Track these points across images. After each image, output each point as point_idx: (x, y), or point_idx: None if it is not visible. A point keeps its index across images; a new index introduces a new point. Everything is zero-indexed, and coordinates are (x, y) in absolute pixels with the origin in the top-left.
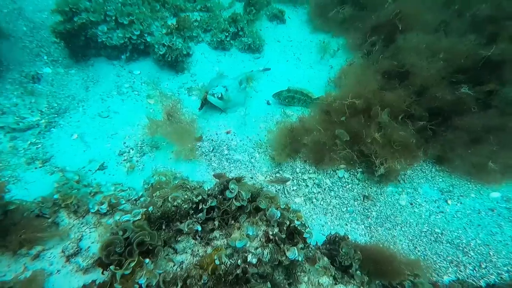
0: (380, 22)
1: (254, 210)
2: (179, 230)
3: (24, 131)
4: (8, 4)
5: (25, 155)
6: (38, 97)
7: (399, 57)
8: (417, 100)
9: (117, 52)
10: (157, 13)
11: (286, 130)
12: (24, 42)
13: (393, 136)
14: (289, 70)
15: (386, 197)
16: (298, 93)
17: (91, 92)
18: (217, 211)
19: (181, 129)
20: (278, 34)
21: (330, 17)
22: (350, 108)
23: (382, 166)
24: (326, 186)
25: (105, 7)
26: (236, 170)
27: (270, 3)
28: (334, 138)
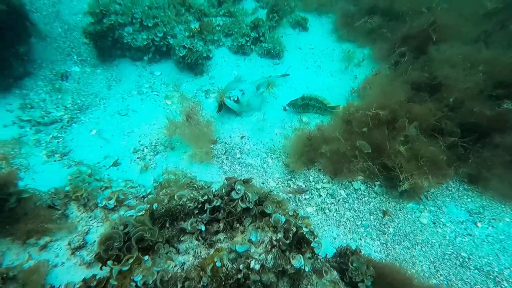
0: (412, 32)
1: (260, 215)
2: (182, 229)
3: (48, 125)
4: (48, 7)
5: (47, 148)
6: (64, 94)
7: (430, 69)
8: (449, 115)
9: (141, 54)
10: (182, 16)
11: (304, 138)
12: (58, 42)
13: (420, 151)
14: (308, 77)
15: (406, 213)
16: (313, 100)
17: (113, 90)
18: (222, 212)
19: (198, 132)
20: (300, 42)
21: (357, 27)
22: (374, 119)
23: (407, 182)
24: (341, 197)
25: (133, 10)
26: (247, 175)
27: (294, 11)
28: (354, 149)
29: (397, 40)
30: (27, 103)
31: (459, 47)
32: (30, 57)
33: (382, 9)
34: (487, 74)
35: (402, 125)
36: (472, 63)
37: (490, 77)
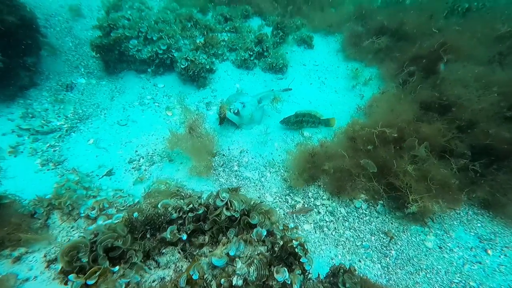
0: (421, 52)
1: (246, 226)
2: (163, 239)
3: (47, 134)
4: (62, 23)
5: (42, 157)
6: (67, 104)
7: (441, 89)
8: (460, 136)
9: (146, 66)
10: (188, 31)
11: (306, 154)
12: (68, 55)
13: (430, 173)
14: (312, 92)
15: (410, 235)
16: (306, 116)
17: (115, 101)
18: (208, 224)
19: (200, 144)
20: (305, 58)
21: (364, 46)
22: (380, 137)
23: (415, 204)
24: (341, 215)
25: (140, 24)
26: (244, 188)
27: (299, 28)
28: (358, 167)
29: (405, 60)
30: (29, 112)
31: (471, 67)
32: (38, 69)
33: (391, 30)
34: (503, 95)
35: (411, 144)
36: (486, 84)
37: (506, 99)
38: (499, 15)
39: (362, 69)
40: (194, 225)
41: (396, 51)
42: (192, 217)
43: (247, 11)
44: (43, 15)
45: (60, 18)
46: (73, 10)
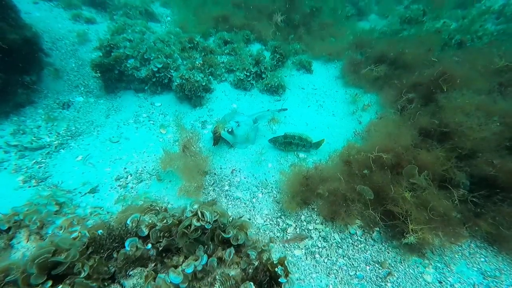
0: (421, 80)
1: (221, 242)
2: (128, 258)
3: (35, 150)
4: (68, 46)
5: (25, 174)
6: (60, 121)
7: (440, 116)
8: (459, 166)
9: (144, 85)
10: (187, 53)
11: (301, 176)
12: (69, 76)
13: (430, 203)
14: (309, 115)
15: (408, 267)
16: (296, 139)
17: (110, 119)
18: (178, 238)
19: (192, 164)
20: (303, 82)
21: (363, 74)
22: (376, 162)
23: (414, 235)
24: (334, 241)
25: (140, 45)
26: (233, 209)
27: (298, 53)
28: (353, 191)
29: (404, 87)
30: (21, 129)
31: (471, 96)
32: (38, 87)
33: (390, 59)
34: (505, 125)
35: (411, 172)
36: (488, 113)
37: (509, 129)
38: (495, 49)
39: (361, 95)
40: (167, 239)
41: (395, 79)
42: (162, 231)
43: (248, 36)
44: (51, 38)
45: (67, 41)
46: (80, 35)
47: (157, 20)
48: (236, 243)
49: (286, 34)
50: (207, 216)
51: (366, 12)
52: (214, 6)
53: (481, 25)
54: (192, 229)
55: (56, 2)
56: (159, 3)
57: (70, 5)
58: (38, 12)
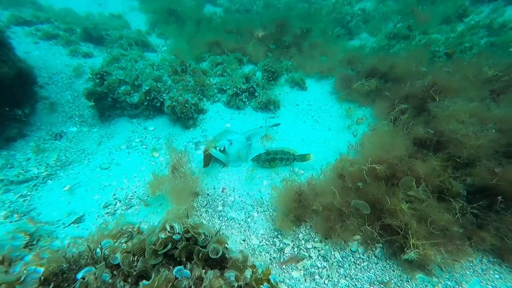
0: (413, 91)
1: (200, 260)
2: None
3: (21, 183)
4: (64, 79)
5: (8, 208)
6: (51, 152)
7: (435, 125)
8: (455, 175)
9: (137, 111)
10: (178, 75)
11: (293, 193)
12: (64, 107)
13: (430, 216)
14: (304, 130)
15: (415, 286)
16: (279, 153)
17: (102, 146)
18: (148, 256)
19: (183, 186)
20: (298, 99)
21: (355, 88)
22: (370, 174)
23: (414, 250)
24: (335, 260)
25: (132, 72)
26: (227, 230)
27: (290, 70)
28: (349, 206)
29: (397, 98)
30: (9, 163)
31: (463, 103)
32: (31, 120)
33: (381, 73)
34: (501, 132)
35: (408, 184)
36: (482, 120)
37: (505, 136)
38: (484, 60)
39: (355, 109)
40: (143, 261)
41: (386, 91)
42: (135, 254)
43: (240, 58)
44: (48, 73)
45: (64, 75)
46: (76, 69)
47: (153, 50)
48: (215, 257)
49: (278, 55)
50: (176, 227)
51: (357, 32)
52: (206, 33)
53: (469, 39)
54: (159, 242)
55: (56, 40)
56: (155, 34)
57: (68, 42)
58: (38, 51)
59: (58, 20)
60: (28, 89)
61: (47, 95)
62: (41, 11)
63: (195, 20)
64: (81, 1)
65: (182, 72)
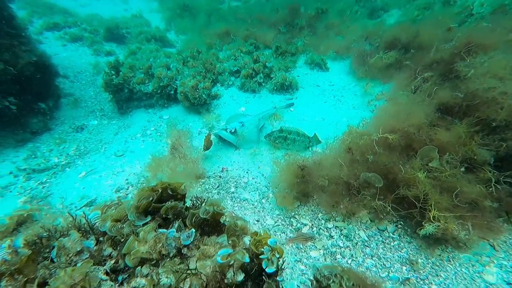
0: (439, 57)
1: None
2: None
3: (42, 172)
4: (88, 77)
5: (28, 194)
6: (71, 143)
7: (463, 88)
8: (485, 142)
9: (152, 100)
10: (191, 60)
11: (296, 167)
12: (87, 103)
13: (457, 187)
14: (325, 110)
15: (458, 266)
16: (293, 134)
17: (119, 135)
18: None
19: (184, 167)
20: (319, 80)
21: (372, 63)
22: (381, 144)
23: (432, 224)
24: (359, 240)
25: (146, 62)
26: (240, 211)
27: (305, 50)
28: (356, 178)
29: (420, 67)
30: (34, 153)
31: (501, 58)
32: (55, 115)
33: (403, 43)
34: None
35: (428, 154)
36: None
37: None
38: None
39: (375, 86)
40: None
41: (408, 61)
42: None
43: (257, 44)
44: (73, 72)
45: (87, 73)
46: (96, 66)
47: (172, 45)
48: (206, 217)
49: (290, 38)
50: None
51: (386, 8)
52: (218, 23)
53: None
54: (140, 198)
55: (81, 42)
56: (174, 31)
57: (93, 43)
58: (65, 53)
59: (84, 23)
60: (50, 82)
61: (72, 92)
62: (70, 17)
63: (207, 12)
64: (108, 7)
65: (193, 59)
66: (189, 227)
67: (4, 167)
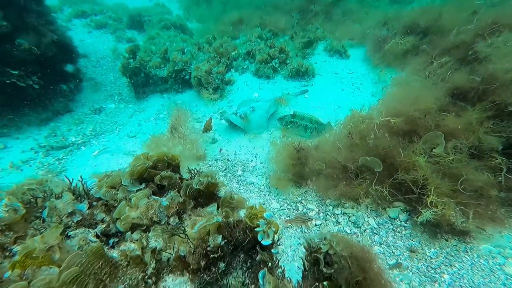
0: (459, 40)
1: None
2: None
3: (60, 149)
4: (109, 63)
5: (46, 169)
6: (88, 124)
7: (481, 71)
8: (498, 129)
9: (167, 85)
10: (207, 44)
11: (292, 149)
12: (107, 87)
13: (462, 174)
14: (342, 98)
15: (477, 257)
16: (306, 120)
17: (133, 118)
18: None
19: (182, 148)
20: (337, 67)
21: (388, 49)
22: (382, 128)
23: (429, 210)
24: (368, 227)
25: (162, 46)
26: (246, 194)
27: (325, 37)
28: (354, 162)
29: (438, 51)
30: (54, 132)
31: None
32: (76, 98)
33: (422, 27)
34: None
35: (432, 140)
36: None
37: None
38: None
39: (390, 72)
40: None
41: (425, 45)
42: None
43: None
44: (96, 57)
45: (109, 59)
46: (115, 51)
47: (191, 34)
48: (199, 187)
49: (304, 24)
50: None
51: None
52: (232, 10)
53: None
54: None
55: (105, 29)
56: (195, 19)
57: (116, 30)
58: (90, 39)
59: (110, 11)
60: (71, 64)
61: (94, 76)
62: (98, 5)
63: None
64: None
65: (209, 44)
66: (183, 198)
67: (27, 143)
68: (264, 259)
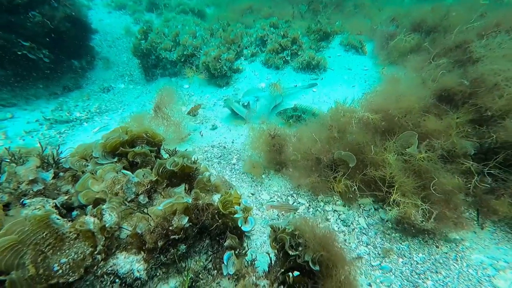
0: (461, 40)
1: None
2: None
3: (63, 123)
4: (124, 44)
5: (47, 141)
6: (94, 101)
7: (472, 72)
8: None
9: (176, 69)
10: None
11: (267, 135)
12: (119, 67)
13: (434, 177)
14: (351, 94)
15: (466, 267)
16: (307, 113)
17: (139, 99)
18: None
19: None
20: (352, 63)
21: (394, 46)
22: (360, 123)
23: (394, 208)
24: (358, 226)
25: (174, 29)
26: (237, 183)
27: (343, 31)
28: (328, 153)
29: (438, 50)
30: (61, 106)
31: None
32: (88, 75)
33: (429, 25)
34: None
35: (407, 139)
36: None
37: None
38: None
39: (393, 69)
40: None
41: (427, 43)
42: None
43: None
44: (112, 38)
45: (124, 40)
46: (127, 31)
47: (210, 20)
48: (173, 169)
49: (311, 16)
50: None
51: None
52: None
53: None
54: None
55: (125, 10)
56: (214, 6)
57: (135, 11)
58: (109, 19)
59: None
60: (84, 41)
61: (108, 55)
62: None
63: None
64: None
65: (222, 29)
66: (159, 179)
67: (34, 115)
68: (233, 245)
